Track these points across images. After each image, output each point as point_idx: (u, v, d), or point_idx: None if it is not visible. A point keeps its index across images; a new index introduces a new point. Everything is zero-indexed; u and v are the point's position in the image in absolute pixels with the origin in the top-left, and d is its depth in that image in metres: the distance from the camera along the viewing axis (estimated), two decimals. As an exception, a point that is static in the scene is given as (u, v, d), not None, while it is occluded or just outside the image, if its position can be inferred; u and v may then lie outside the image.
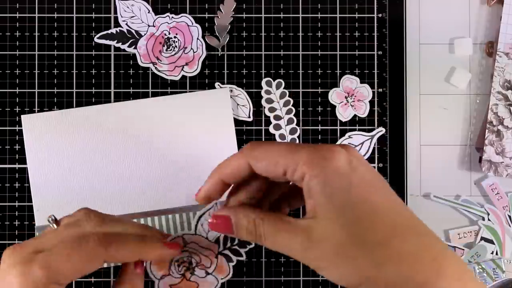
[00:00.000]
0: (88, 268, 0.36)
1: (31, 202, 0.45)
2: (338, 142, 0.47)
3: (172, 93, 0.47)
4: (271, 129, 0.47)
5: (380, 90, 0.47)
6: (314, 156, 0.31)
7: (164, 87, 0.47)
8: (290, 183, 0.35)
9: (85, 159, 0.45)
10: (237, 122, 0.47)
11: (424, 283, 0.29)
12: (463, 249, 0.47)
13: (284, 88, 0.47)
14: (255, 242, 0.33)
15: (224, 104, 0.46)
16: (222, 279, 0.45)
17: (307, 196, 0.31)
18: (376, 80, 0.47)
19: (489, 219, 0.47)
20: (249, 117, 0.47)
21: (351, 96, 0.47)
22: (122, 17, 0.47)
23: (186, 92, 0.47)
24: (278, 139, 0.47)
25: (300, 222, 0.32)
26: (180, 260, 0.44)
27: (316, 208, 0.31)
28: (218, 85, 0.47)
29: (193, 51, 0.47)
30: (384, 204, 0.31)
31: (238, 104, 0.47)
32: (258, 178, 0.33)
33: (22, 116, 0.45)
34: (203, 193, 0.35)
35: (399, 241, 0.30)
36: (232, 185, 0.34)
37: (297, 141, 0.47)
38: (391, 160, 0.47)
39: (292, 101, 0.47)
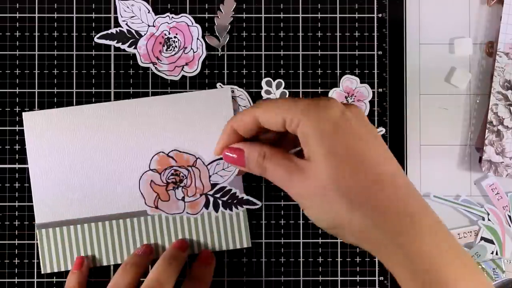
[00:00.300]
0: None
1: (31, 202, 0.45)
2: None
3: (172, 93, 0.47)
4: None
5: (380, 90, 0.47)
6: (310, 106, 0.33)
7: (164, 87, 0.47)
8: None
9: (85, 157, 0.45)
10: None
11: (397, 233, 0.31)
12: (463, 249, 0.47)
13: (284, 88, 0.47)
14: (260, 174, 0.36)
15: (225, 103, 0.46)
16: (187, 213, 0.45)
17: (303, 143, 0.34)
18: (376, 80, 0.47)
19: (489, 219, 0.47)
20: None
21: (351, 96, 0.47)
22: (122, 17, 0.47)
23: (186, 91, 0.47)
24: (278, 139, 0.47)
25: (298, 161, 0.34)
26: (178, 172, 0.45)
27: (309, 152, 0.33)
28: (220, 85, 0.47)
29: (193, 51, 0.47)
30: (369, 155, 0.32)
31: (239, 105, 0.47)
32: (267, 132, 0.37)
33: (24, 113, 0.46)
34: (220, 145, 0.39)
35: (376, 190, 0.31)
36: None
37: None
38: (391, 160, 0.47)
39: (292, 101, 0.47)
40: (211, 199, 0.45)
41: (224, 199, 0.45)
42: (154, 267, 0.42)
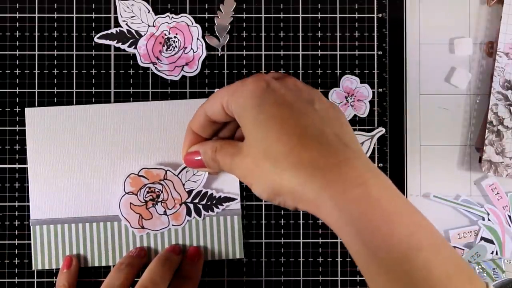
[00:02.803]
0: None
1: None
2: (338, 142, 0.47)
3: (172, 93, 0.47)
4: (271, 129, 0.47)
5: (380, 90, 0.47)
6: (237, 86, 0.34)
7: (164, 87, 0.47)
8: None
9: (85, 156, 0.45)
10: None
11: (322, 188, 0.30)
12: (463, 249, 0.47)
13: (284, 88, 0.47)
14: (219, 169, 0.37)
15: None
16: (173, 225, 0.45)
17: (239, 124, 0.34)
18: (376, 80, 0.47)
19: (489, 219, 0.47)
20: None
21: (351, 96, 0.47)
22: (122, 17, 0.47)
23: (186, 91, 0.47)
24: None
25: (238, 144, 0.35)
26: (152, 189, 0.45)
27: (243, 130, 0.34)
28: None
29: (193, 51, 0.47)
30: (293, 120, 0.32)
31: None
32: (224, 127, 0.39)
33: (26, 109, 0.46)
34: (184, 150, 0.39)
35: (299, 150, 0.31)
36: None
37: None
38: (391, 160, 0.47)
39: (292, 101, 0.47)
40: (191, 206, 0.45)
41: (203, 202, 0.45)
42: (148, 268, 0.42)
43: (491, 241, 0.47)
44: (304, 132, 0.32)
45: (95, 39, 0.47)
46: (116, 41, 0.47)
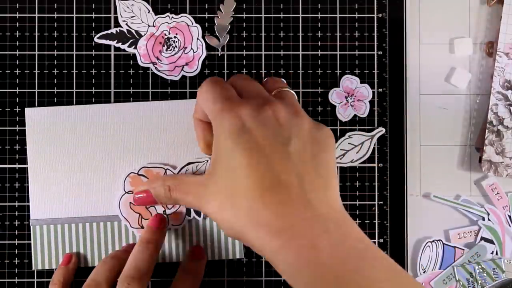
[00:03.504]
0: None
1: (31, 202, 0.46)
2: (338, 142, 0.47)
3: (172, 93, 0.47)
4: (271, 129, 0.47)
5: (380, 90, 0.47)
6: (218, 113, 0.33)
7: (164, 87, 0.47)
8: None
9: (85, 156, 0.45)
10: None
11: (277, 250, 0.31)
12: (463, 249, 0.47)
13: (284, 88, 0.47)
14: (175, 204, 0.37)
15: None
16: (173, 225, 0.45)
17: (213, 145, 0.34)
18: (376, 80, 0.47)
19: (489, 219, 0.47)
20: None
21: (351, 96, 0.47)
22: (122, 17, 0.47)
23: (186, 91, 0.47)
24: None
25: (201, 180, 0.35)
26: None
27: (213, 158, 0.34)
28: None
29: (193, 51, 0.47)
30: (261, 169, 0.32)
31: None
32: None
33: (26, 109, 0.46)
34: (201, 141, 0.38)
35: (259, 207, 0.31)
36: None
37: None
38: (391, 160, 0.47)
39: (292, 101, 0.47)
40: None
41: None
42: (131, 254, 0.41)
43: (491, 241, 0.47)
44: (268, 184, 0.31)
45: (95, 39, 0.47)
46: (116, 41, 0.47)
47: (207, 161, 0.45)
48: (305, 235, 0.30)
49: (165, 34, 0.47)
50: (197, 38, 0.47)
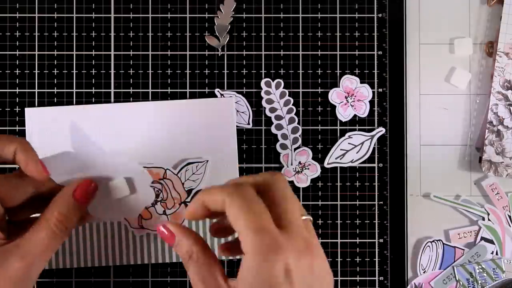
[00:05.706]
0: None
1: (31, 202, 0.45)
2: (338, 142, 0.47)
3: (172, 93, 0.47)
4: (272, 129, 0.47)
5: (380, 90, 0.47)
6: (236, 186, 0.31)
7: (164, 87, 0.47)
8: None
9: (85, 156, 0.45)
10: (237, 129, 0.47)
11: None
12: (463, 249, 0.47)
13: (284, 88, 0.47)
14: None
15: (228, 113, 0.46)
16: None
17: (234, 228, 0.31)
18: (376, 80, 0.47)
19: (489, 219, 0.47)
20: (249, 123, 0.47)
21: (351, 96, 0.47)
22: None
23: (186, 92, 0.47)
24: (280, 139, 0.47)
25: (221, 283, 0.35)
26: (152, 188, 0.45)
27: (240, 277, 0.33)
28: (218, 91, 0.47)
29: (193, 51, 0.47)
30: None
31: (238, 111, 0.46)
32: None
33: (26, 109, 0.46)
34: (189, 213, 0.34)
35: None
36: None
37: (299, 140, 0.47)
38: (391, 160, 0.47)
39: (292, 101, 0.47)
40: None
41: None
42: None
43: (491, 241, 0.47)
44: None
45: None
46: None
47: (207, 161, 0.45)
48: None
49: (165, 34, 0.47)
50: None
